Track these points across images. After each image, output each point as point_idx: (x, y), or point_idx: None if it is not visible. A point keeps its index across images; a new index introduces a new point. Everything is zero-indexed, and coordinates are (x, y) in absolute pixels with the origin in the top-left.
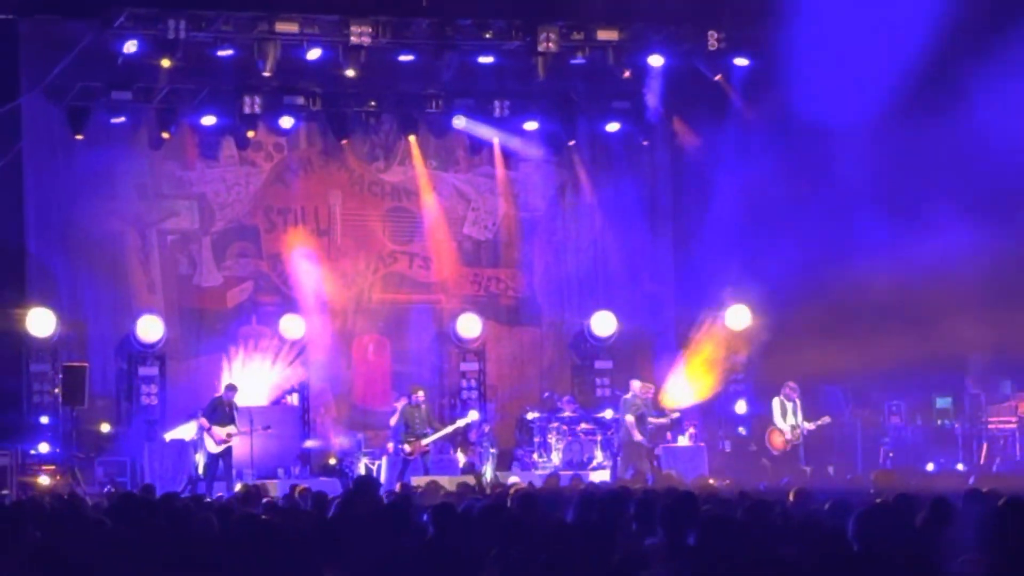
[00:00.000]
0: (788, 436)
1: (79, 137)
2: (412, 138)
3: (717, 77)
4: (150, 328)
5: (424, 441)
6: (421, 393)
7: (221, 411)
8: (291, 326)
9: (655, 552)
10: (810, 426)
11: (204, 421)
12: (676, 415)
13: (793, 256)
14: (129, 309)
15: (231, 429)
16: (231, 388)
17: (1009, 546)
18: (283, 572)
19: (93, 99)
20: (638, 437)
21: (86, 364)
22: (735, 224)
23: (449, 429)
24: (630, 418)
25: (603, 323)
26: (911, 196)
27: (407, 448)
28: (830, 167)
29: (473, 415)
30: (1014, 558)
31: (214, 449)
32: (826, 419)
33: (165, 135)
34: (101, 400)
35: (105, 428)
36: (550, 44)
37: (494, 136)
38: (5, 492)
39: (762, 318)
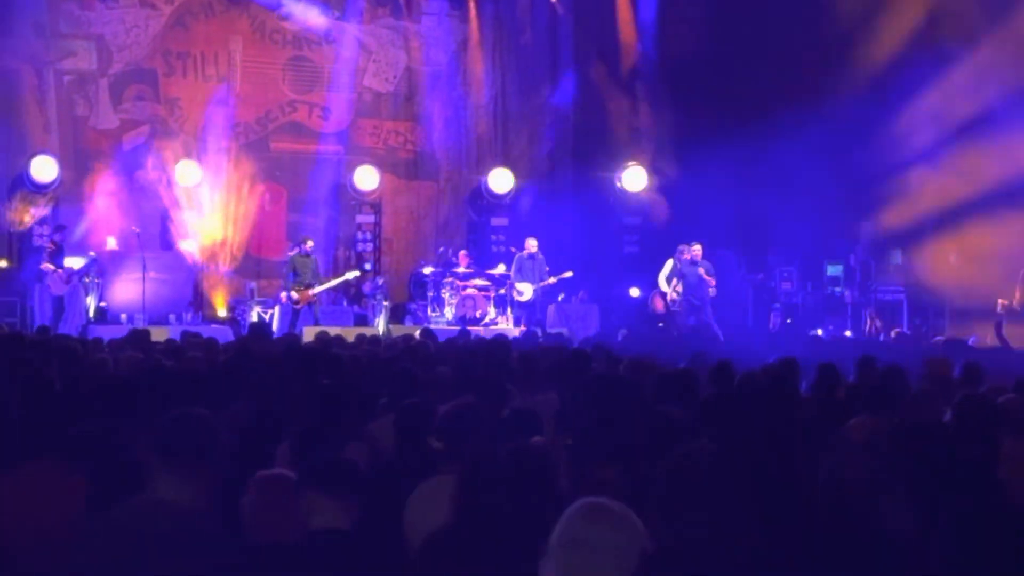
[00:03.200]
0: (671, 296)
1: None
2: None
3: None
4: (44, 168)
5: (311, 291)
6: (310, 243)
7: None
8: (187, 172)
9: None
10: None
11: (48, 265)
12: (569, 274)
13: (695, 121)
14: (23, 148)
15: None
16: (59, 228)
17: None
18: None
19: None
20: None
21: None
22: (641, 82)
23: (335, 281)
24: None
25: (500, 180)
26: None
27: (295, 296)
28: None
29: (357, 272)
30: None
31: (60, 291)
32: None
33: None
34: None
35: None
36: None
37: None
38: None
39: (658, 179)
